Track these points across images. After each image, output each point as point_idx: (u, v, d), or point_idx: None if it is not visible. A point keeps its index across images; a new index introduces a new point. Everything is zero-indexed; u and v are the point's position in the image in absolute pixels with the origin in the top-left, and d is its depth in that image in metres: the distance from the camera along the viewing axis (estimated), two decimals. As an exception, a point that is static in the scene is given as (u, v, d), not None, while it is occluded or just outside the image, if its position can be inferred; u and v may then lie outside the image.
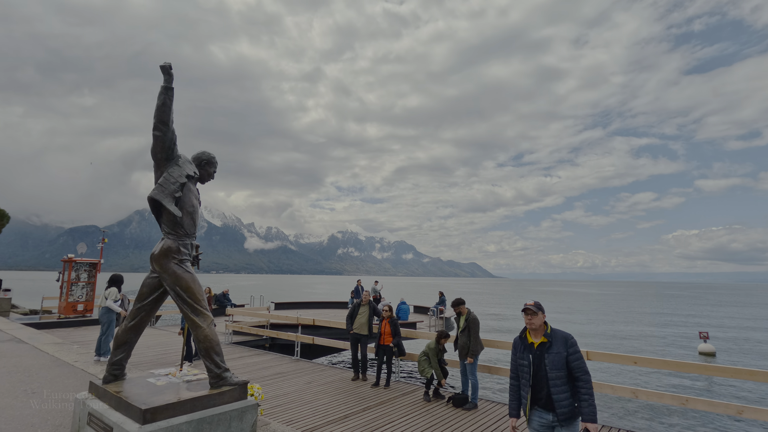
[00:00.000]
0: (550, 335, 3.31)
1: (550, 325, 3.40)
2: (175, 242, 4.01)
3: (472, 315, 7.04)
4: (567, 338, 3.29)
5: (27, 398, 5.57)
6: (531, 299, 4.03)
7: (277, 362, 10.03)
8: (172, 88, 3.89)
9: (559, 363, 3.19)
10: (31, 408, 5.11)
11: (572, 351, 3.23)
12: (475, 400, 6.78)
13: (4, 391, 5.83)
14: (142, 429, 3.17)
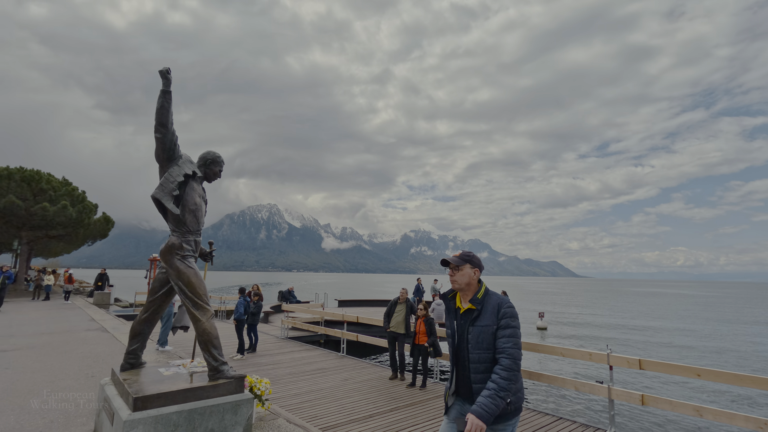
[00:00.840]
0: (480, 301, 2.44)
1: (486, 286, 2.52)
2: (178, 239, 4.19)
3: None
4: (500, 305, 2.41)
5: (86, 380, 6.26)
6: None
7: (322, 358, 10.22)
8: (169, 91, 4.06)
9: (484, 340, 2.36)
10: (82, 390, 5.71)
11: (503, 324, 2.34)
12: (511, 407, 6.26)
13: (70, 373, 6.61)
14: (131, 416, 3.33)
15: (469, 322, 2.44)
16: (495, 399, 2.19)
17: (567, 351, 6.37)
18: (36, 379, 6.39)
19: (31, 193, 25.06)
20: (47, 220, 24.85)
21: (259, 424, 4.49)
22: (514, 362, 2.27)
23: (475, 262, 2.54)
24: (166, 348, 8.91)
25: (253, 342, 10.52)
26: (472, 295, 2.48)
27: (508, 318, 2.36)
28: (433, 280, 22.23)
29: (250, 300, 10.33)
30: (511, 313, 2.39)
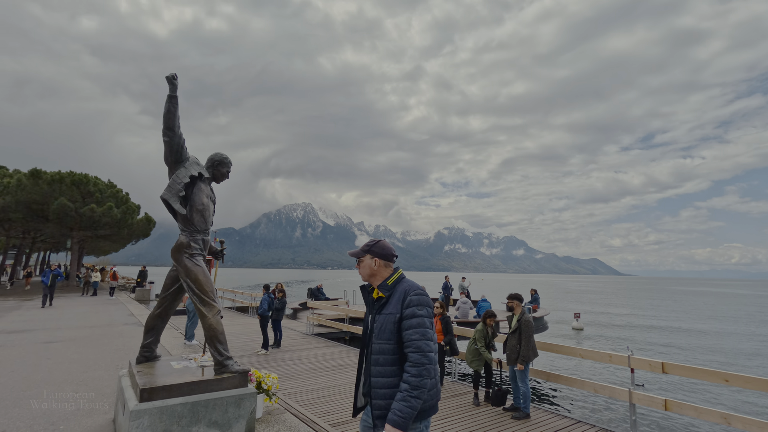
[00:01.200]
0: (389, 288, 2.26)
1: (401, 274, 2.33)
2: (186, 238, 4.36)
3: (526, 316, 6.33)
4: (407, 291, 2.20)
5: (115, 371, 6.64)
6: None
7: (344, 355, 10.33)
8: (175, 96, 4.23)
9: (386, 330, 2.14)
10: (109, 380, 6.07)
11: (407, 313, 2.11)
12: (527, 409, 6.10)
13: (102, 365, 7.04)
14: (137, 406, 3.51)
15: (376, 310, 2.27)
16: (409, 401, 1.99)
17: (586, 352, 6.14)
18: (72, 369, 6.85)
19: (80, 196, 26.79)
20: (94, 220, 26.51)
21: (266, 418, 4.61)
22: (423, 356, 2.04)
23: (375, 251, 2.35)
24: (193, 342, 9.30)
25: (277, 338, 10.77)
26: (382, 282, 2.30)
27: (414, 306, 2.12)
28: (461, 278, 21.96)
29: (274, 297, 10.59)
30: (418, 300, 2.15)
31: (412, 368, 2.03)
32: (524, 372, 6.16)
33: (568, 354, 6.39)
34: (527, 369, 6.18)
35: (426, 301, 2.19)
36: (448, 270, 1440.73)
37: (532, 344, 6.14)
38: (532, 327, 6.19)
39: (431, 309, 2.21)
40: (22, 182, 25.08)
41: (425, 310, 2.15)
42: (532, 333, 6.16)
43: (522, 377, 6.15)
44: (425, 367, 2.03)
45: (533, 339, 6.17)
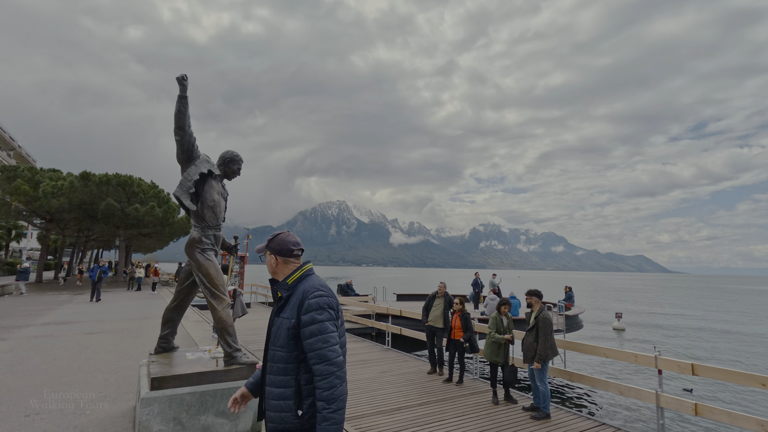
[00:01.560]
0: (289, 287, 2.03)
1: (304, 272, 2.08)
2: (198, 233, 4.51)
3: (544, 314, 6.11)
4: (306, 292, 1.95)
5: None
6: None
7: (367, 350, 10.39)
8: (185, 96, 4.36)
9: (280, 336, 1.93)
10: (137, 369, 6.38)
11: (306, 319, 1.88)
12: (547, 409, 5.89)
13: (134, 355, 7.43)
14: (148, 394, 3.67)
15: (275, 311, 2.05)
16: (330, 419, 1.76)
17: (610, 352, 5.84)
18: (106, 358, 7.27)
19: (126, 196, 28.37)
20: (138, 219, 28.01)
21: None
22: (330, 364, 1.82)
23: (271, 247, 2.14)
24: (220, 335, 9.64)
25: None
26: (282, 281, 2.07)
27: (313, 311, 1.88)
28: (492, 275, 21.52)
29: None
30: (317, 304, 1.90)
31: (321, 382, 1.81)
32: (542, 371, 5.94)
33: (592, 353, 6.11)
34: (545, 368, 5.96)
35: (327, 303, 1.94)
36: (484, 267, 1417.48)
37: (550, 342, 5.91)
38: (550, 325, 5.96)
39: (335, 310, 1.97)
40: (73, 184, 26.87)
41: (327, 313, 1.92)
42: (551, 331, 5.93)
43: (540, 376, 5.94)
44: (335, 375, 1.82)
45: (552, 337, 5.94)
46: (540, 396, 5.95)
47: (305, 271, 2.10)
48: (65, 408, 4.78)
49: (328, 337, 1.86)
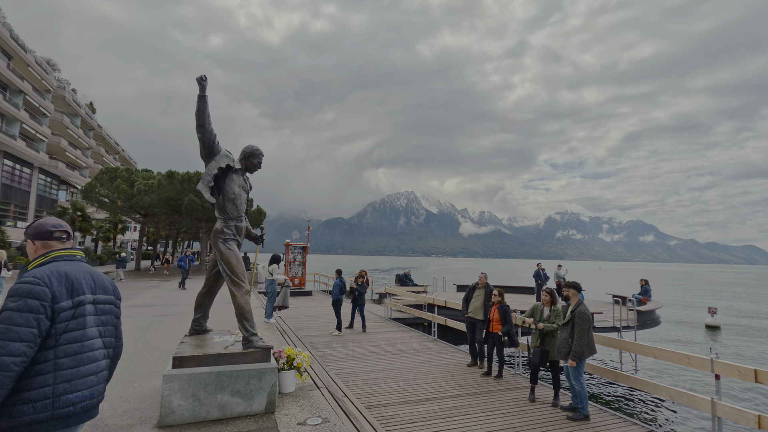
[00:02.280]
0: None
1: (48, 258, 1.96)
2: (220, 224, 4.80)
3: (581, 308, 5.63)
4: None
5: (199, 343, 7.66)
6: None
7: (412, 340, 10.38)
8: (204, 96, 4.63)
9: None
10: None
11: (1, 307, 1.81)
12: (585, 410, 5.45)
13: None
14: (170, 372, 4.01)
15: None
16: None
17: (660, 352, 5.24)
18: (168, 338, 8.08)
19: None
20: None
21: (297, 393, 4.89)
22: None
23: (29, 233, 1.99)
24: (271, 321, 10.21)
25: (362, 322, 11.06)
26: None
27: (9, 297, 1.76)
28: (557, 266, 20.30)
29: (347, 281, 11.08)
30: (16, 290, 1.78)
31: None
32: (578, 369, 5.50)
33: (640, 352, 5.52)
34: (581, 366, 5.51)
35: (25, 291, 1.78)
36: (561, 258, 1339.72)
37: (586, 339, 5.44)
38: (587, 320, 5.48)
39: (35, 300, 1.79)
40: (161, 182, 29.99)
41: (20, 302, 1.75)
42: (588, 327, 5.45)
43: (575, 375, 5.51)
44: None
45: (589, 334, 5.47)
46: (577, 396, 5.53)
47: (52, 257, 1.96)
48: (119, 380, 5.40)
49: (7, 329, 1.70)
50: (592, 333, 5.57)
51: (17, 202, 41.12)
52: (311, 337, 10.09)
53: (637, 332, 13.09)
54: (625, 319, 13.59)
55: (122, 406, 4.46)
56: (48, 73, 43.42)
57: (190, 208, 29.93)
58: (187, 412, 3.99)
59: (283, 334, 9.73)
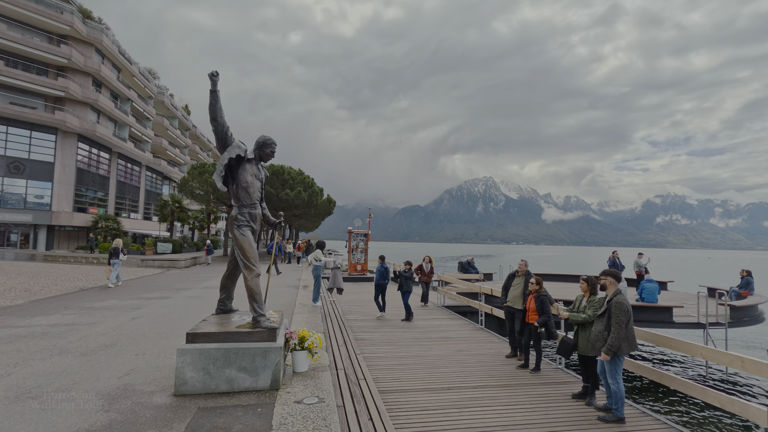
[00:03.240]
0: None
1: None
2: (235, 212, 5.09)
3: (618, 298, 5.05)
4: None
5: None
6: None
7: (457, 328, 10.15)
8: (215, 91, 4.91)
9: None
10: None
11: None
12: (619, 412, 4.91)
13: (240, 316, 8.83)
14: (183, 346, 4.39)
15: None
16: None
17: (709, 352, 4.53)
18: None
19: (279, 183, 33.02)
20: (288, 202, 32.39)
21: (308, 373, 5.08)
22: None
23: None
24: (317, 304, 10.64)
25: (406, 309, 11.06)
26: None
27: None
28: (638, 254, 18.35)
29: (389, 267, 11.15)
30: None
31: None
32: (614, 366, 4.96)
33: (686, 351, 4.81)
34: (619, 363, 4.95)
35: None
36: (662, 246, 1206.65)
37: (624, 333, 4.87)
38: (626, 312, 4.90)
39: None
40: (241, 175, 32.57)
41: None
42: (626, 319, 4.87)
43: (612, 372, 4.97)
44: None
45: (628, 327, 4.89)
46: (612, 395, 5.01)
47: None
48: (162, 352, 6.06)
49: None
50: (632, 327, 4.98)
51: (130, 197, 47.44)
52: (356, 322, 10.35)
53: (728, 330, 11.42)
54: (714, 315, 11.92)
55: (153, 375, 5.00)
56: (149, 81, 49.06)
57: (266, 198, 32.14)
58: (199, 384, 4.36)
59: (327, 317, 10.11)
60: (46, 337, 6.85)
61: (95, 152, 39.70)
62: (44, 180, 34.40)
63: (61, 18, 32.97)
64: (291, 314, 9.30)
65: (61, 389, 4.49)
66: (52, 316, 8.80)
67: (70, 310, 9.46)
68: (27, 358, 5.62)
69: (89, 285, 14.53)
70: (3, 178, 32.59)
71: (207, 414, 3.87)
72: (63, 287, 13.67)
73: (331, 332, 8.61)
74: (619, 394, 4.92)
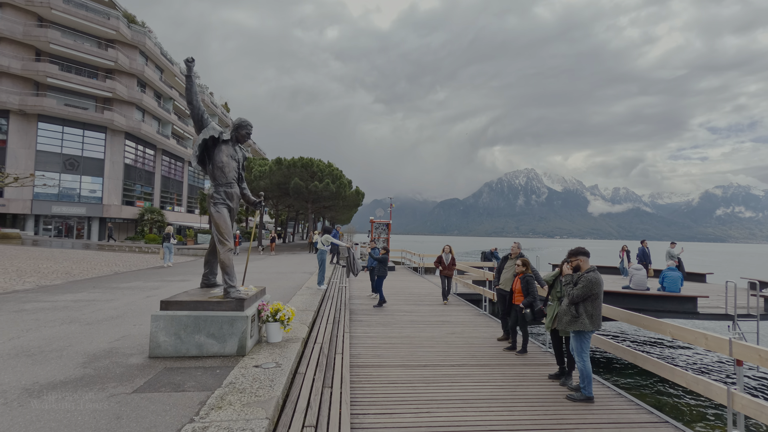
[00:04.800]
0: None
1: None
2: (212, 190, 5.39)
3: (591, 274, 4.90)
4: None
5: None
6: None
7: (459, 313, 10.12)
8: (189, 76, 5.21)
9: None
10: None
11: None
12: (587, 391, 4.79)
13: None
14: (157, 313, 4.75)
15: None
16: None
17: (677, 330, 4.32)
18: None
19: (308, 175, 33.80)
20: (317, 194, 33.11)
21: (281, 344, 5.33)
22: None
23: None
24: (322, 287, 10.94)
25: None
26: None
27: None
28: (670, 244, 17.38)
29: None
30: None
31: None
32: (581, 343, 4.84)
33: (654, 330, 4.61)
34: (584, 341, 4.84)
35: None
36: (723, 240, 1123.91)
37: (591, 310, 4.74)
38: (596, 284, 4.76)
39: None
40: (272, 168, 33.60)
41: None
42: (591, 293, 4.75)
43: (578, 349, 4.86)
44: None
45: (595, 304, 4.76)
46: (581, 374, 4.90)
47: None
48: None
49: None
50: (600, 305, 4.84)
51: (174, 191, 50.19)
52: (360, 305, 10.57)
53: (761, 323, 10.65)
54: (745, 306, 11.14)
55: (140, 341, 5.41)
56: (190, 80, 51.51)
57: (295, 190, 33.00)
58: (171, 347, 4.70)
59: (329, 299, 10.36)
60: (65, 310, 7.54)
61: (141, 149, 42.26)
62: (96, 175, 37.08)
63: (107, 23, 35.24)
64: (293, 295, 9.65)
65: (56, 350, 4.98)
66: (79, 293, 9.64)
67: (96, 290, 10.30)
68: (40, 326, 6.25)
69: (124, 270, 15.67)
70: (60, 174, 35.47)
71: (169, 373, 4.19)
72: (100, 271, 14.84)
73: (326, 312, 8.83)
74: (585, 372, 4.80)
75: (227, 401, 3.47)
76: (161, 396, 3.62)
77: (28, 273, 12.92)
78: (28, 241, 27.99)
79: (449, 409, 4.48)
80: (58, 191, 35.36)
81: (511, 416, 4.38)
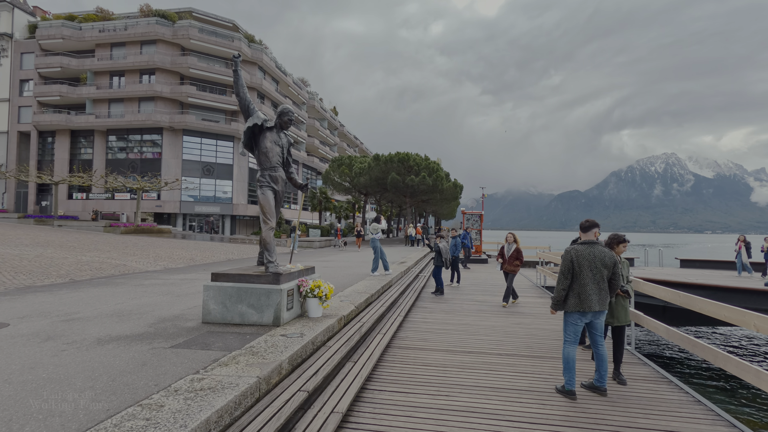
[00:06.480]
0: None
1: None
2: (259, 174, 5.84)
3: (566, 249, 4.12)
4: None
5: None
6: None
7: (539, 305, 9.31)
8: (236, 70, 5.71)
9: None
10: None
11: None
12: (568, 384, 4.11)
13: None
14: (207, 283, 5.32)
15: None
16: None
17: (764, 321, 3.36)
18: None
19: (405, 170, 34.29)
20: (413, 188, 33.38)
21: (320, 319, 5.55)
22: None
23: None
24: (375, 273, 11.00)
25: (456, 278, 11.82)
26: None
27: None
28: (765, 238, 13.88)
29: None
30: None
31: None
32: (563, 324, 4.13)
33: (736, 323, 3.61)
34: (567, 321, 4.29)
35: None
36: None
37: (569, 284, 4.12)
38: (566, 261, 4.08)
39: None
40: (370, 164, 34.90)
41: None
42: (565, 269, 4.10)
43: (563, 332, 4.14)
44: None
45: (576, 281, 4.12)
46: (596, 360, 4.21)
47: None
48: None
49: None
50: (584, 283, 4.09)
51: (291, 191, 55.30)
52: (432, 292, 10.44)
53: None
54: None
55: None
56: (302, 89, 56.12)
57: (392, 184, 33.77)
58: (218, 315, 5.23)
59: (400, 285, 10.36)
60: (169, 286, 8.91)
61: (261, 154, 47.50)
62: (226, 179, 42.83)
63: (231, 45, 40.38)
64: (360, 280, 9.90)
65: (140, 313, 5.94)
66: (188, 274, 11.29)
67: (205, 272, 11.94)
68: (143, 295, 7.50)
69: (236, 257, 17.87)
70: (200, 179, 41.81)
71: (208, 335, 4.68)
72: (218, 258, 17.17)
73: (390, 296, 8.81)
74: (562, 358, 4.14)
75: (236, 360, 3.73)
76: (188, 352, 4.06)
77: (162, 258, 15.56)
78: (178, 235, 33.70)
79: (471, 395, 4.18)
80: (199, 193, 41.79)
81: (542, 409, 3.91)
